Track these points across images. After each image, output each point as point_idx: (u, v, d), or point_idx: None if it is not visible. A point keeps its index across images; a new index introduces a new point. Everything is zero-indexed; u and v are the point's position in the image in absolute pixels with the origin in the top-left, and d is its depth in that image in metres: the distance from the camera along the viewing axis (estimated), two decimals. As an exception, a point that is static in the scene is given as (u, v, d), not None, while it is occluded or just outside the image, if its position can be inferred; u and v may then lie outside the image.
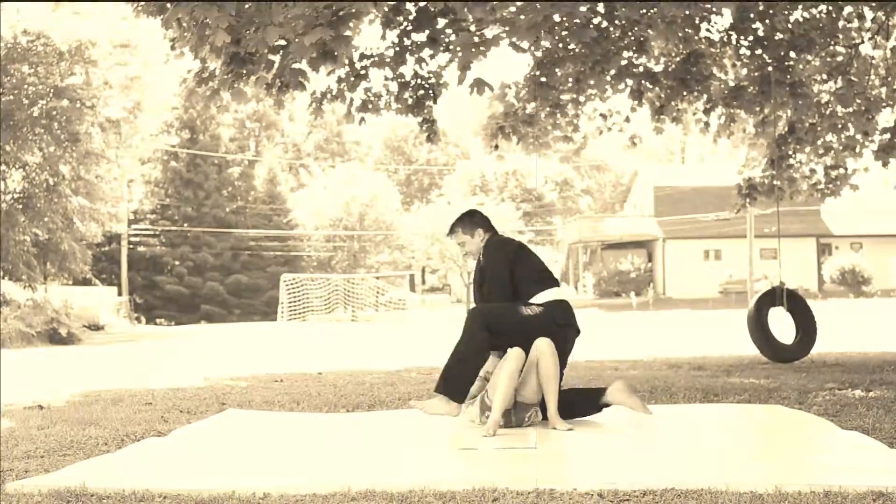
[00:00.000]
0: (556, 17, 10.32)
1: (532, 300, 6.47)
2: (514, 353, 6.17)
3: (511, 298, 6.52)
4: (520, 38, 9.34)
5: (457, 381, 6.37)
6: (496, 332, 6.38)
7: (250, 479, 4.57)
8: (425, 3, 9.98)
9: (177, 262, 58.67)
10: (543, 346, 6.23)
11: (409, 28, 10.20)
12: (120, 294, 47.69)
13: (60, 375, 12.79)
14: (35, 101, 26.46)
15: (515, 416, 6.31)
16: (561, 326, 6.48)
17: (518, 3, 9.37)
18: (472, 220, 7.01)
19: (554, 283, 6.64)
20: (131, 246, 55.14)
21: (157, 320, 51.90)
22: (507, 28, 9.21)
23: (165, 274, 58.36)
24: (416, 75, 10.66)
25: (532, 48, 10.56)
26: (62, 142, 27.20)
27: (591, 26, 11.01)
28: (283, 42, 8.90)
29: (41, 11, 26.48)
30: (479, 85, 9.17)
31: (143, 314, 49.67)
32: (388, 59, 10.24)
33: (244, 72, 9.25)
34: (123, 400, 8.73)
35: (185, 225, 59.35)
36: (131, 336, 30.47)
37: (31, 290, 28.17)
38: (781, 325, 11.82)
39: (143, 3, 8.95)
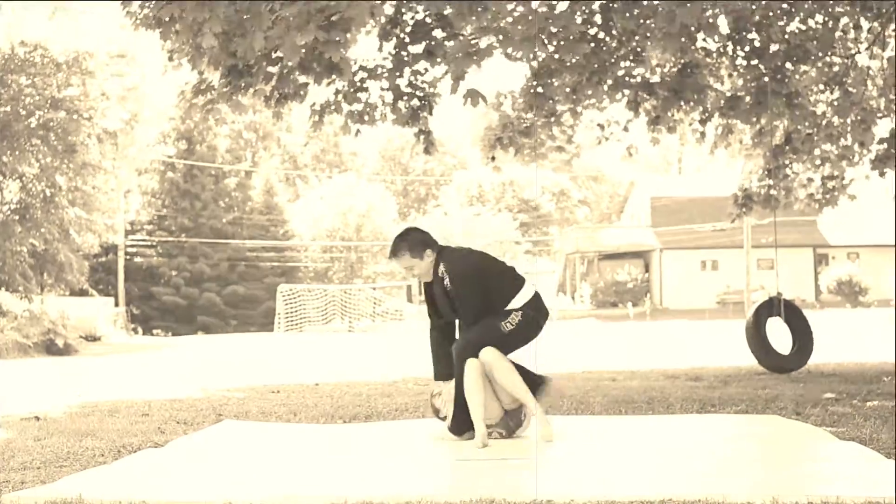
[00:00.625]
0: (553, 30, 10.34)
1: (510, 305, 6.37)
2: (471, 366, 6.16)
3: (485, 311, 6.31)
4: (514, 50, 9.35)
5: (468, 419, 6.25)
6: None
7: (247, 490, 4.57)
8: (423, 5, 9.99)
9: (173, 273, 58.61)
10: (487, 357, 6.16)
11: (407, 40, 10.22)
12: (117, 305, 47.63)
13: (57, 386, 12.77)
14: (32, 113, 26.47)
15: (512, 421, 6.32)
16: (541, 325, 6.45)
17: (514, 15, 9.39)
18: (418, 239, 6.50)
19: (523, 280, 6.46)
20: (128, 257, 55.12)
21: (154, 331, 51.80)
22: (500, 38, 9.22)
23: (162, 285, 58.30)
24: (410, 85, 10.67)
25: (526, 58, 10.58)
26: (59, 153, 27.21)
27: (588, 36, 11.04)
28: (279, 54, 8.94)
29: (38, 21, 26.51)
30: (473, 96, 9.17)
31: (140, 325, 49.59)
32: (384, 72, 10.25)
33: (242, 84, 9.28)
34: (120, 411, 8.72)
35: (182, 235, 59.31)
36: (128, 347, 30.41)
37: (28, 301, 28.14)
38: (779, 335, 11.83)
39: (140, 15, 8.98)
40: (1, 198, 28.08)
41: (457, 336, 6.50)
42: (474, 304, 6.30)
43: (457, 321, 6.54)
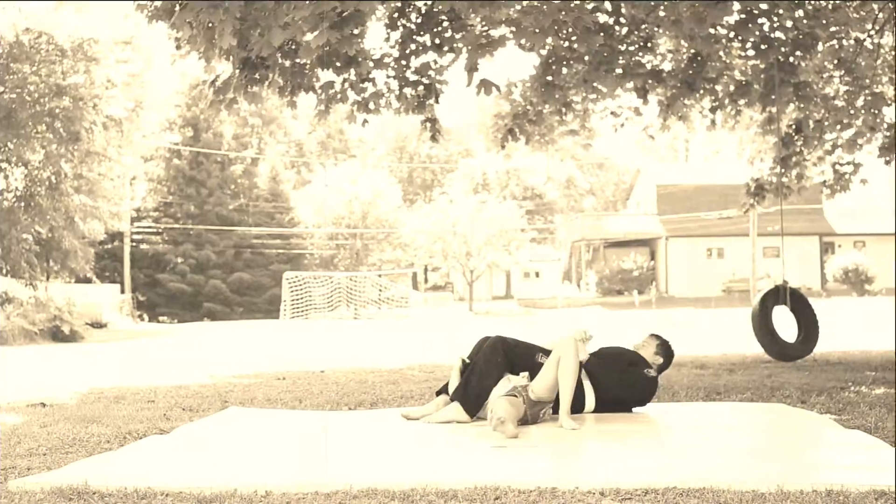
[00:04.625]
0: (564, 20, 10.28)
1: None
2: (570, 344, 6.32)
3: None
4: (527, 41, 9.32)
5: (476, 395, 6.46)
6: (511, 360, 6.66)
7: (252, 476, 4.57)
8: (431, 1, 9.95)
9: (179, 260, 58.65)
10: (568, 344, 6.32)
11: (414, 30, 10.18)
12: (122, 292, 47.69)
13: (63, 373, 12.80)
14: (37, 100, 26.42)
15: (530, 412, 6.32)
16: None
17: (524, 3, 9.34)
18: (668, 352, 7.27)
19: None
20: (134, 243, 55.14)
21: (160, 318, 51.90)
22: (513, 29, 9.19)
23: (168, 271, 58.34)
24: (417, 72, 10.63)
25: (538, 49, 10.52)
26: (64, 140, 27.17)
27: (597, 24, 10.98)
28: (292, 46, 8.92)
29: (43, 10, 26.44)
30: (486, 86, 9.13)
31: (146, 312, 49.67)
32: (391, 62, 10.22)
33: (257, 76, 9.27)
34: (126, 398, 8.74)
35: (188, 222, 59.33)
36: (133, 334, 30.48)
37: (33, 289, 28.16)
38: (785, 323, 11.82)
39: (151, 7, 8.94)
40: (6, 185, 28.07)
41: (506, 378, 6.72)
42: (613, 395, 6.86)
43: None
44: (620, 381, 6.83)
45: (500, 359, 6.60)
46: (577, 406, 6.57)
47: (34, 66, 26.41)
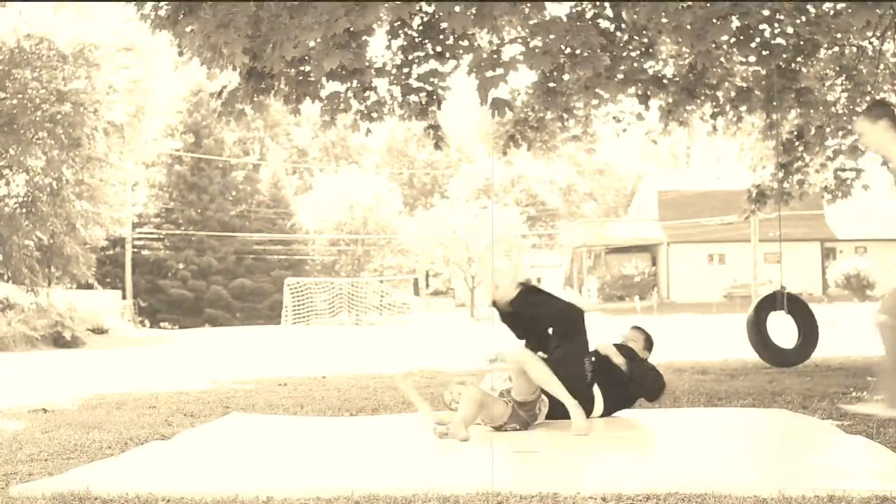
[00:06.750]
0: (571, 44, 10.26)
1: None
2: (522, 353, 6.36)
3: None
4: (535, 64, 9.29)
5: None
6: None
7: (254, 482, 4.58)
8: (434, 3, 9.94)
9: (181, 266, 58.61)
10: (521, 353, 6.36)
11: (416, 37, 10.17)
12: (124, 298, 47.67)
13: (64, 379, 12.80)
14: (38, 106, 26.41)
15: (526, 414, 6.31)
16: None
17: (530, 24, 9.32)
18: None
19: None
20: (135, 250, 55.10)
21: (161, 324, 51.82)
22: (523, 50, 9.17)
23: (169, 278, 58.29)
24: (419, 78, 10.61)
25: (546, 69, 10.51)
26: (65, 146, 27.17)
27: (600, 33, 10.96)
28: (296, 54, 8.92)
29: (44, 14, 26.46)
30: (499, 106, 9.07)
31: (147, 318, 49.63)
32: (392, 70, 10.21)
33: (263, 86, 9.29)
34: (127, 403, 8.74)
35: (190, 229, 59.29)
36: (135, 340, 30.47)
37: (34, 295, 28.15)
38: (783, 329, 11.80)
39: (157, 18, 8.94)
40: (7, 191, 28.07)
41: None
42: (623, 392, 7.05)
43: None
44: (627, 375, 6.88)
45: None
46: (586, 412, 6.55)
47: (35, 71, 26.42)
